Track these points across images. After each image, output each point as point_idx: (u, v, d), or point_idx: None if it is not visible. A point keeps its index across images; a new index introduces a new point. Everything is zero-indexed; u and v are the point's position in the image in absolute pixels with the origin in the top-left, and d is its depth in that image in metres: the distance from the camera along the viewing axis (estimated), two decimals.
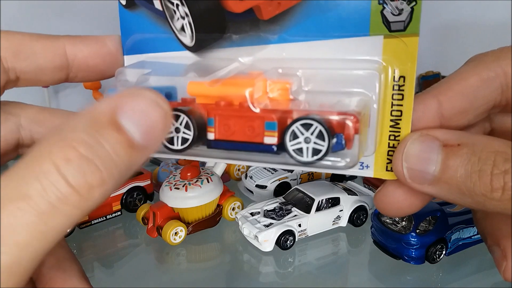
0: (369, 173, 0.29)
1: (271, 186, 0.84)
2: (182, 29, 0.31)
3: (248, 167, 0.93)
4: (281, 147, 0.28)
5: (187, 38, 0.31)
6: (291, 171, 0.87)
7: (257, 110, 0.28)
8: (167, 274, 0.67)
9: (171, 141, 0.30)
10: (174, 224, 0.70)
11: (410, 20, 0.26)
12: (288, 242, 0.68)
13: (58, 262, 0.28)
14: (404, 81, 0.27)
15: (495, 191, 0.24)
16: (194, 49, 0.31)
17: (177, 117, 0.29)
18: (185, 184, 0.71)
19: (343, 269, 0.68)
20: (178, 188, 0.71)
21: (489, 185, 0.24)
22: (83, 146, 0.20)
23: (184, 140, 0.29)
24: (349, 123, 0.26)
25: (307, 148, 0.27)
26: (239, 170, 0.94)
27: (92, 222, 0.77)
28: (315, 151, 0.27)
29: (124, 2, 0.32)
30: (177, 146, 0.30)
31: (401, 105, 0.28)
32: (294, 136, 0.28)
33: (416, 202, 0.30)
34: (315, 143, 0.27)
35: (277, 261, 0.67)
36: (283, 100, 0.29)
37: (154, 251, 0.72)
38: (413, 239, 0.62)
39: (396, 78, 0.27)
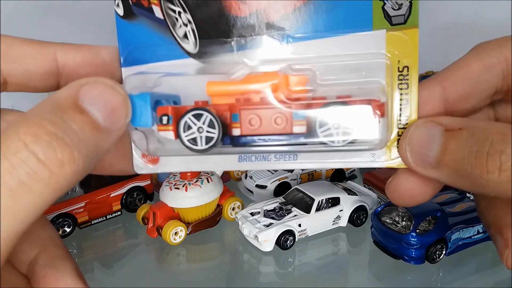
0: (380, 163, 0.30)
1: (271, 186, 0.84)
2: (185, 36, 0.31)
3: None
4: (309, 135, 0.29)
5: (190, 45, 0.31)
6: (291, 171, 0.87)
7: (284, 102, 0.29)
8: (167, 274, 0.67)
9: (194, 141, 0.30)
10: (174, 224, 0.70)
11: (410, 13, 0.28)
12: (288, 242, 0.68)
13: (52, 260, 0.28)
14: (408, 71, 0.29)
15: (491, 172, 0.24)
16: (198, 56, 0.31)
17: (199, 117, 0.29)
18: (185, 184, 0.71)
19: (343, 269, 0.68)
20: (178, 188, 0.71)
21: (484, 166, 0.24)
22: (50, 124, 0.20)
23: (209, 139, 0.30)
24: (374, 106, 0.28)
25: (337, 132, 0.29)
26: (239, 170, 0.94)
27: (92, 222, 0.77)
28: (345, 135, 0.28)
29: (121, 13, 0.31)
30: (202, 145, 0.30)
31: (407, 94, 0.29)
32: (324, 123, 0.29)
33: (428, 190, 0.30)
34: (344, 127, 0.28)
35: (277, 261, 0.67)
36: (303, 92, 0.29)
37: (154, 251, 0.72)
38: (413, 239, 0.62)
39: (401, 68, 0.28)
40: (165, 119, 0.29)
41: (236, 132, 0.30)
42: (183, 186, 0.71)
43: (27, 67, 0.28)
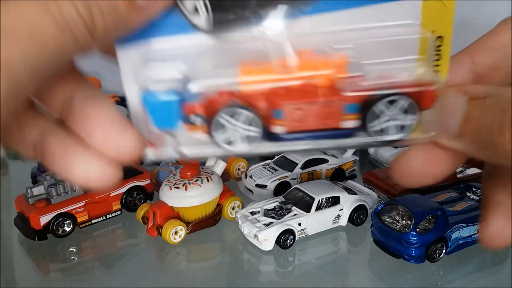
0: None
1: (271, 185, 0.84)
2: (196, 10, 0.25)
3: (248, 166, 0.93)
4: (361, 128, 0.26)
5: (202, 20, 0.25)
6: (291, 170, 0.87)
7: (346, 92, 0.25)
8: (167, 274, 0.67)
9: (231, 143, 0.26)
10: (174, 223, 0.69)
11: None
12: (288, 241, 0.68)
13: (90, 96, 0.26)
14: (442, 41, 0.27)
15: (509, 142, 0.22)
16: (212, 32, 0.26)
17: (237, 116, 0.25)
18: (185, 183, 0.71)
19: (343, 268, 0.68)
20: (178, 188, 0.71)
21: (506, 135, 0.23)
22: None
23: (250, 139, 0.26)
24: (430, 92, 0.26)
25: (395, 125, 0.26)
26: (239, 169, 0.94)
27: (92, 221, 0.77)
28: (402, 128, 0.26)
29: None
30: (241, 147, 0.26)
31: (438, 65, 0.27)
32: (377, 115, 0.26)
33: (439, 168, 0.28)
34: (401, 119, 0.26)
35: (277, 260, 0.67)
36: (343, 78, 0.26)
37: (154, 250, 0.72)
38: (413, 238, 0.62)
39: (434, 39, 0.27)
40: (196, 119, 0.26)
41: (277, 129, 0.26)
42: (183, 186, 0.71)
43: None
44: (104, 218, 0.78)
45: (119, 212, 0.80)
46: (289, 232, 0.68)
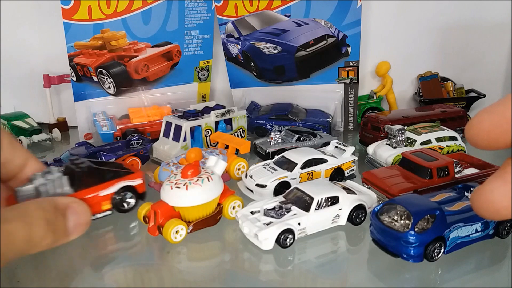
0: None
1: (271, 185, 0.85)
2: (108, 87, 1.08)
3: (249, 166, 0.93)
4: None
5: (111, 90, 1.11)
6: (291, 170, 0.88)
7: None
8: (168, 272, 0.67)
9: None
10: (175, 222, 0.70)
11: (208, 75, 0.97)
12: (288, 240, 0.69)
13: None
14: (206, 97, 0.89)
15: None
16: (115, 95, 1.20)
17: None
18: (185, 183, 0.71)
19: (342, 267, 0.68)
20: (179, 187, 0.71)
21: None
22: (49, 213, 0.39)
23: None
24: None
25: None
26: (239, 169, 0.94)
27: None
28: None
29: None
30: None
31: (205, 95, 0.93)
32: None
33: None
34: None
35: (277, 259, 0.68)
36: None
37: (155, 249, 0.72)
38: (411, 237, 0.62)
39: (203, 96, 0.68)
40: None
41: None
42: (183, 185, 0.71)
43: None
44: (94, 217, 0.75)
45: (109, 212, 0.78)
46: (289, 231, 0.69)
